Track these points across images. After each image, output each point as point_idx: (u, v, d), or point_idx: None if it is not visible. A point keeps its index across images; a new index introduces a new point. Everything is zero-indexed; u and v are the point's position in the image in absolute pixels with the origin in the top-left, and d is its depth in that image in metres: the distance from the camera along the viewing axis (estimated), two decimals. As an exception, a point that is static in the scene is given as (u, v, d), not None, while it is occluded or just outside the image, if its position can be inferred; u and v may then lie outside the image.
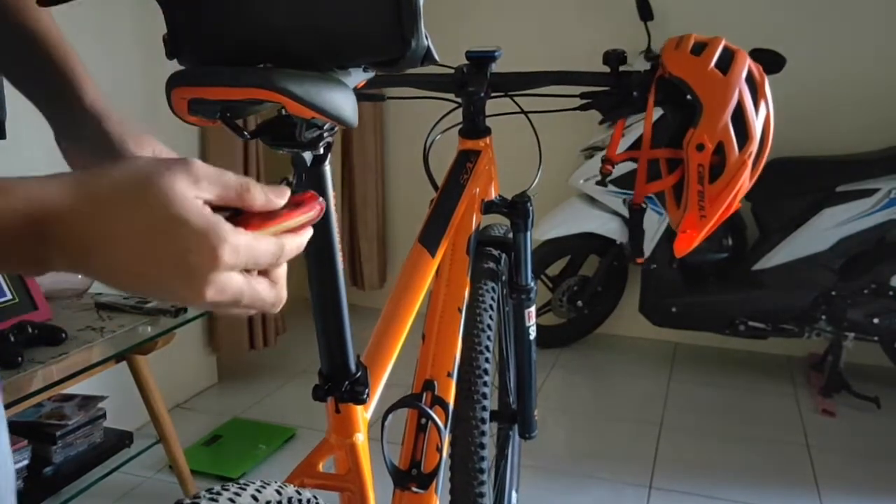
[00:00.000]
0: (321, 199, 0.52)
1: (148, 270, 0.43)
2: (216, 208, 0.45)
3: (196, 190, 0.44)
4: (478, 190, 1.24)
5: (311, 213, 0.51)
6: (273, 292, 0.49)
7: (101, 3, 2.17)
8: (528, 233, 1.29)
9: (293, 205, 0.50)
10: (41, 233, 0.42)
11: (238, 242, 0.44)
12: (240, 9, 0.63)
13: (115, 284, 0.45)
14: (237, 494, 0.64)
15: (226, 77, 0.61)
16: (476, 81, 1.22)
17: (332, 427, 0.86)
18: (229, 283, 0.45)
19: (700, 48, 1.09)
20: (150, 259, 0.43)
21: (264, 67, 0.63)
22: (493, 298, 1.23)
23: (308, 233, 0.51)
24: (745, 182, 1.08)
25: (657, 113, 1.12)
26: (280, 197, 0.49)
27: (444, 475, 0.99)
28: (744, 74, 1.06)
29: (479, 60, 1.23)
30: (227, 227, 0.44)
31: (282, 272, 0.50)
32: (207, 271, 0.43)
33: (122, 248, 0.43)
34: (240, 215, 0.47)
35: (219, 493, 0.63)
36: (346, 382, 0.82)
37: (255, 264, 0.46)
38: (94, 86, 0.76)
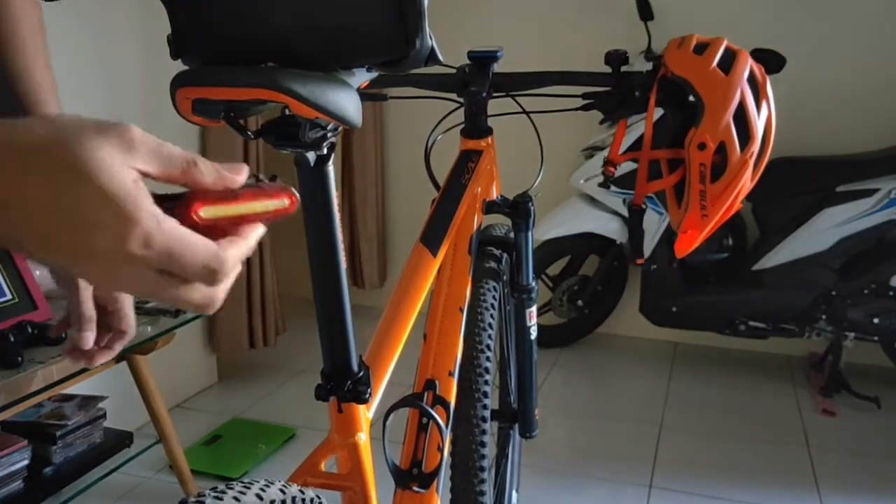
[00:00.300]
0: (295, 191, 0.45)
1: (52, 244, 0.37)
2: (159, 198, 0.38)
3: (129, 158, 0.37)
4: (479, 190, 1.24)
5: (280, 202, 0.43)
6: (198, 296, 0.40)
7: (101, 3, 2.17)
8: (530, 233, 1.29)
9: (257, 190, 0.42)
10: None
11: (153, 231, 0.37)
12: (243, 9, 0.63)
13: (18, 250, 0.39)
14: (242, 493, 0.64)
15: (230, 77, 0.61)
16: (478, 81, 1.22)
17: (334, 426, 0.86)
18: (136, 278, 0.38)
19: (702, 48, 1.09)
20: (53, 231, 0.36)
21: (268, 67, 0.63)
22: (494, 298, 1.24)
23: (257, 234, 0.43)
24: (747, 182, 1.08)
25: (657, 113, 1.12)
26: (236, 173, 0.42)
27: (444, 474, 0.99)
28: (745, 74, 1.06)
29: (481, 60, 1.23)
30: (146, 212, 0.37)
31: (216, 286, 0.41)
32: (116, 254, 0.37)
33: (27, 214, 0.36)
34: (183, 199, 0.39)
35: (223, 492, 0.63)
36: (349, 382, 0.82)
37: (179, 271, 0.39)
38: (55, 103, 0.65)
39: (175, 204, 0.39)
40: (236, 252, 0.41)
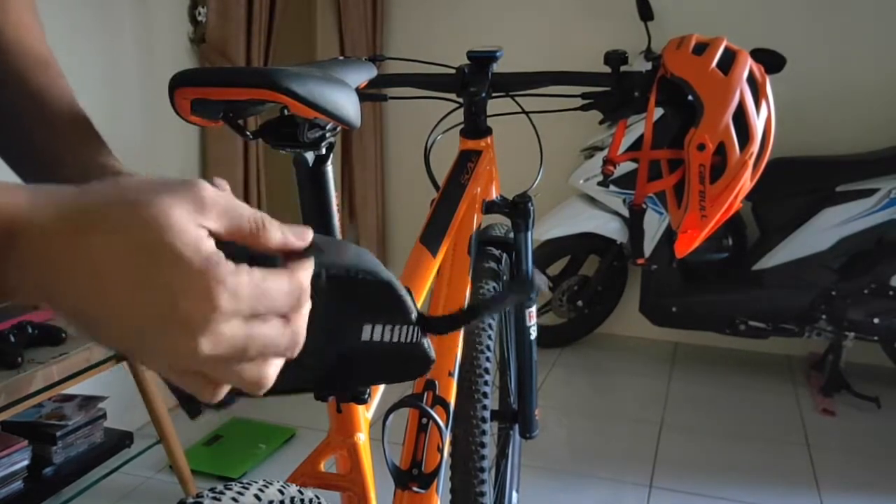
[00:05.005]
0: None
1: (126, 312, 0.35)
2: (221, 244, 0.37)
3: (201, 218, 0.36)
4: (479, 190, 1.24)
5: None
6: (287, 333, 0.40)
7: (101, 4, 2.17)
8: (529, 233, 1.29)
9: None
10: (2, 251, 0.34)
11: (238, 284, 0.36)
12: None
13: (85, 327, 0.36)
14: (240, 494, 0.64)
15: (229, 77, 0.61)
16: (477, 81, 1.22)
17: (333, 427, 0.86)
18: (227, 333, 0.36)
19: (701, 48, 1.09)
20: (130, 298, 0.35)
21: (268, 68, 0.64)
22: (494, 298, 1.23)
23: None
24: (747, 182, 1.08)
25: (658, 113, 1.12)
26: (301, 239, 0.41)
27: (444, 475, 0.99)
28: (745, 75, 1.06)
29: (481, 60, 1.23)
30: (226, 268, 0.36)
31: (301, 311, 0.41)
32: (202, 320, 0.35)
33: (98, 281, 0.35)
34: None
35: (222, 493, 0.63)
36: (348, 382, 0.82)
37: (268, 308, 0.38)
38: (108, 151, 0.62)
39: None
40: (306, 273, 0.41)
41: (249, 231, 0.39)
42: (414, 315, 0.54)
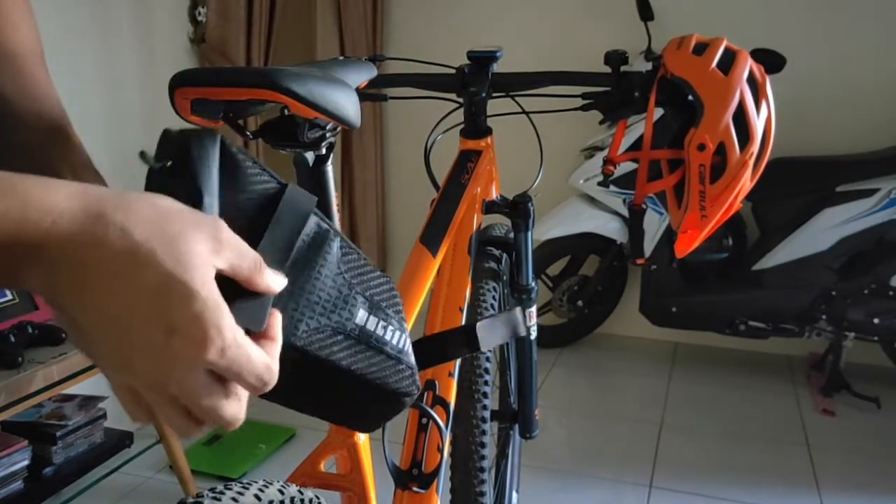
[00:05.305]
0: None
1: (124, 334, 0.36)
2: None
3: (217, 258, 0.38)
4: (479, 190, 1.24)
5: None
6: (234, 406, 0.41)
7: (100, 3, 2.17)
8: (529, 233, 1.29)
9: None
10: (27, 248, 0.35)
11: (229, 344, 0.37)
12: None
13: (81, 336, 0.38)
14: (240, 494, 0.64)
15: (230, 77, 0.61)
16: (477, 81, 1.22)
17: (333, 427, 0.86)
18: (198, 384, 0.38)
19: (701, 48, 1.09)
20: (133, 322, 0.36)
21: (268, 68, 0.64)
22: (494, 298, 1.24)
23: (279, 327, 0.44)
24: (747, 182, 1.08)
25: (658, 113, 1.12)
26: (278, 285, 0.43)
27: (444, 475, 0.99)
28: (745, 75, 1.06)
29: (481, 60, 1.23)
30: (229, 320, 0.38)
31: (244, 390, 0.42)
32: (187, 362, 0.37)
33: (109, 300, 0.36)
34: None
35: (222, 493, 0.63)
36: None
37: (235, 378, 0.39)
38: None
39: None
40: (276, 355, 0.42)
41: (248, 272, 0.40)
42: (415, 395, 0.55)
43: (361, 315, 0.51)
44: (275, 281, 0.42)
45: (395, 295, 0.55)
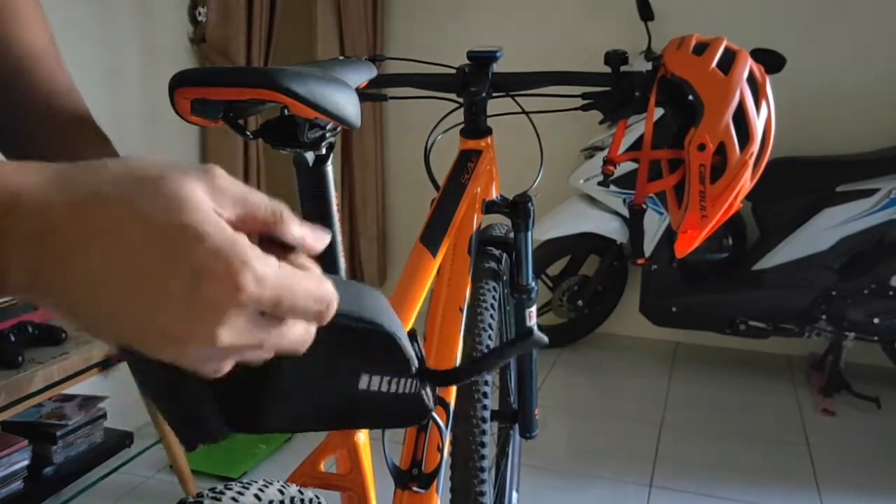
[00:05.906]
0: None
1: (141, 296, 0.32)
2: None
3: (215, 203, 0.34)
4: (479, 190, 1.24)
5: None
6: (299, 328, 0.36)
7: (100, 3, 2.17)
8: (529, 233, 1.29)
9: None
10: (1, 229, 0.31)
11: (265, 272, 0.33)
12: None
13: (92, 318, 0.33)
14: (240, 493, 0.64)
15: (230, 77, 0.61)
16: (477, 81, 1.22)
17: (333, 427, 0.85)
18: (249, 326, 0.34)
19: (702, 48, 1.09)
20: (147, 280, 0.32)
21: (268, 68, 0.64)
22: (494, 298, 1.23)
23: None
24: (747, 182, 1.08)
25: (658, 113, 1.12)
26: (319, 241, 0.38)
27: (444, 474, 0.99)
28: (745, 75, 1.06)
29: (481, 60, 1.23)
30: (252, 250, 0.33)
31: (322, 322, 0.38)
32: (225, 305, 0.32)
33: (111, 262, 0.31)
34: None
35: (222, 493, 0.63)
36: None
37: (291, 306, 0.35)
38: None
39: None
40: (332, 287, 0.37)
41: (264, 221, 0.36)
42: (415, 367, 0.52)
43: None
44: (310, 231, 0.37)
45: None
